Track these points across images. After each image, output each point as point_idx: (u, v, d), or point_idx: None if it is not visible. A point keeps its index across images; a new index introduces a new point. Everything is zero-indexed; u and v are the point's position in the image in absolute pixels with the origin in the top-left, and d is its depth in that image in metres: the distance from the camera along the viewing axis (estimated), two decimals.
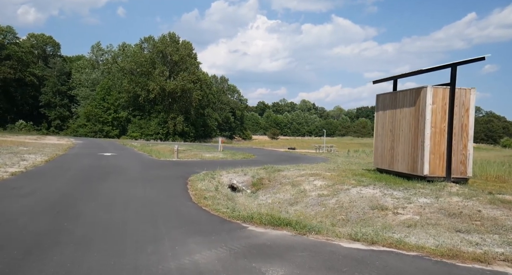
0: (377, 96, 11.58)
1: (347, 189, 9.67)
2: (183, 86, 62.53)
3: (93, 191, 8.61)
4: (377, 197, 8.34)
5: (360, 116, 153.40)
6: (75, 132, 62.75)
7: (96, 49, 78.40)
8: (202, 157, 22.84)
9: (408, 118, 9.87)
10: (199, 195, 8.62)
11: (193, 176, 12.08)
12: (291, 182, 12.06)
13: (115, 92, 64.76)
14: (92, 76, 70.78)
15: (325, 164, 17.75)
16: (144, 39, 71.17)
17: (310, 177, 12.33)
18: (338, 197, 9.10)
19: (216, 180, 12.54)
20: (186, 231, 5.43)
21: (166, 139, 61.02)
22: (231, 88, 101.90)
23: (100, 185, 9.54)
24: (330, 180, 11.44)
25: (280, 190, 11.54)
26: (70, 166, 13.90)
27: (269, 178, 13.09)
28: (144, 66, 64.18)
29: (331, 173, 12.91)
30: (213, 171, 13.72)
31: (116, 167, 14.20)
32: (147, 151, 26.07)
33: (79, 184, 9.60)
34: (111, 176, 11.30)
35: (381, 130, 11.33)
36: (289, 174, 13.31)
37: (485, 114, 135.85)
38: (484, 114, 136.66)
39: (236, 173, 13.79)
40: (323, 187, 10.50)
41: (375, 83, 11.80)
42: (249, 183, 13.09)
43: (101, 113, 62.44)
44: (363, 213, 7.60)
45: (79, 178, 10.80)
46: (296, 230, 5.56)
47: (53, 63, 71.49)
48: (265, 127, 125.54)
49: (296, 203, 9.69)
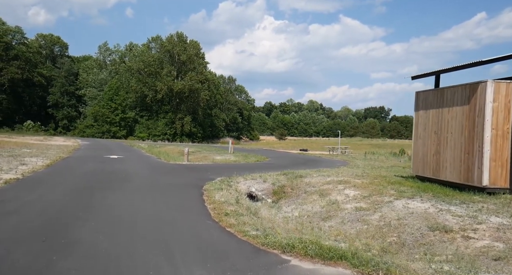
0: (417, 94, 10.18)
1: (389, 201, 8.29)
2: (190, 86, 61.37)
3: (94, 206, 7.33)
4: (432, 214, 6.96)
5: (368, 117, 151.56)
6: (83, 133, 61.90)
7: (104, 49, 77.62)
8: (213, 160, 21.57)
9: (460, 118, 8.47)
10: (218, 210, 7.31)
11: (208, 184, 10.78)
12: (318, 190, 10.71)
13: (123, 93, 63.83)
14: (99, 76, 69.98)
15: (348, 169, 16.35)
16: (152, 39, 70.25)
17: (339, 185, 10.97)
18: (381, 211, 7.73)
19: (233, 188, 11.24)
20: (212, 268, 4.12)
21: (173, 140, 59.92)
22: (238, 89, 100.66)
23: (102, 196, 8.27)
24: (364, 189, 10.08)
25: (306, 200, 10.20)
26: (72, 172, 12.68)
27: (291, 186, 11.75)
28: (151, 66, 63.15)
29: (362, 180, 11.54)
30: (228, 177, 12.42)
31: (122, 172, 12.95)
32: (155, 153, 24.87)
33: (78, 196, 8.34)
34: (116, 185, 10.04)
35: (422, 132, 9.93)
36: (313, 181, 11.96)
37: None
38: None
39: (254, 179, 12.48)
40: (358, 198, 9.13)
41: (414, 78, 10.41)
42: (270, 191, 11.77)
43: (108, 114, 61.51)
44: (421, 234, 6.22)
45: (79, 187, 9.54)
46: (355, 267, 4.22)
47: (61, 63, 70.86)
48: (272, 128, 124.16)
49: (330, 218, 8.34)
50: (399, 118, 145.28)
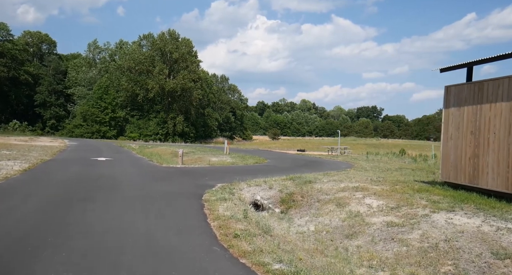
0: (448, 89, 8.91)
1: (425, 215, 7.00)
2: (183, 85, 59.69)
3: (70, 225, 5.92)
4: (489, 234, 5.68)
5: (361, 116, 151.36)
6: (71, 133, 59.85)
7: (93, 47, 75.44)
8: (209, 162, 20.17)
9: (507, 116, 7.20)
10: (225, 229, 5.95)
11: (208, 192, 9.40)
12: (333, 199, 9.40)
13: (113, 91, 61.91)
14: (89, 75, 67.90)
15: (357, 172, 15.09)
16: (143, 37, 68.36)
17: (356, 193, 9.68)
18: (419, 228, 6.43)
19: (236, 196, 9.88)
20: None
21: (165, 140, 58.25)
22: (231, 88, 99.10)
23: (83, 211, 6.85)
24: (387, 198, 8.79)
25: (321, 211, 8.87)
26: (52, 178, 11.19)
27: (301, 193, 10.42)
28: (143, 64, 61.32)
29: (381, 187, 10.26)
30: (230, 184, 11.05)
31: (110, 178, 11.49)
32: (147, 155, 23.38)
33: (53, 211, 6.91)
34: (101, 194, 8.61)
35: (455, 132, 8.66)
36: (325, 188, 10.66)
37: None
38: None
39: (259, 186, 11.13)
40: (385, 210, 7.83)
41: (444, 71, 9.13)
42: (277, 199, 10.43)
43: (98, 113, 59.54)
44: (486, 264, 4.93)
45: (57, 198, 8.09)
46: None
47: (49, 61, 68.57)
48: (265, 127, 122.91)
49: (355, 235, 7.02)
50: (391, 117, 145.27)
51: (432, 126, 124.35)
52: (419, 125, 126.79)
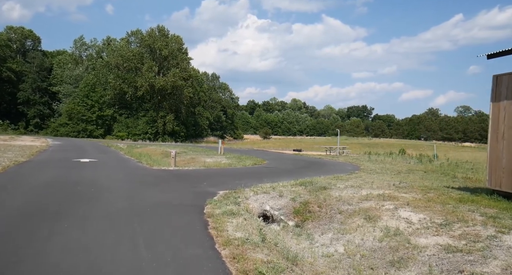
0: (498, 78, 7.46)
1: (492, 236, 5.52)
2: (173, 83, 57.73)
3: (23, 262, 4.26)
4: None
5: (351, 116, 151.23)
6: (56, 132, 57.47)
7: (80, 44, 72.86)
8: (204, 163, 18.52)
9: None
10: (242, 261, 4.37)
11: (210, 203, 7.80)
12: (358, 210, 7.88)
13: (100, 89, 59.66)
14: (75, 72, 65.43)
15: (370, 175, 13.60)
16: (131, 33, 66.12)
17: (385, 202, 8.17)
18: (495, 257, 4.92)
19: (242, 207, 8.32)
20: None
21: (155, 139, 56.30)
22: (222, 86, 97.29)
23: (48, 235, 5.20)
24: (426, 209, 7.30)
25: (347, 226, 7.34)
26: (21, 184, 9.45)
27: (317, 202, 8.88)
28: (131, 62, 59.16)
29: (410, 195, 8.79)
30: (233, 191, 9.46)
31: (91, 184, 9.79)
32: (136, 155, 21.62)
33: (10, 235, 5.24)
34: (77, 208, 6.94)
35: (508, 130, 7.22)
36: (344, 195, 9.14)
37: (474, 113, 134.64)
38: (473, 113, 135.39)
39: (267, 193, 9.56)
40: (430, 227, 6.33)
41: (491, 57, 7.68)
42: (290, 209, 8.87)
43: (84, 111, 57.25)
44: None
45: (20, 213, 6.41)
46: None
47: (32, 58, 65.86)
48: (256, 126, 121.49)
49: (403, 263, 5.48)
50: (382, 117, 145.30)
51: (423, 126, 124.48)
52: (410, 125, 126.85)
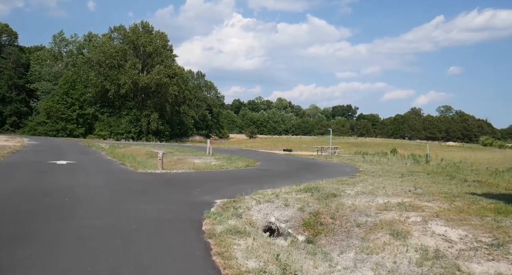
0: None
1: None
2: (158, 81, 55.92)
3: None
4: None
5: (336, 115, 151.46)
6: (34, 131, 54.96)
7: (59, 40, 70.05)
8: (193, 165, 17.21)
9: None
10: None
11: (209, 216, 6.60)
12: (380, 224, 6.80)
13: (81, 87, 57.37)
14: (54, 68, 62.76)
15: (376, 179, 12.58)
16: (114, 29, 63.90)
17: (409, 214, 7.13)
18: None
19: (244, 219, 7.15)
20: None
21: (139, 139, 54.43)
22: (208, 85, 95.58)
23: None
24: (463, 223, 6.28)
25: (370, 243, 6.23)
26: None
27: (329, 213, 7.76)
28: (113, 58, 56.98)
29: (435, 204, 7.78)
30: (233, 200, 8.27)
31: (65, 193, 8.44)
32: (119, 156, 20.14)
33: None
34: (44, 227, 5.62)
35: None
36: (359, 204, 8.06)
37: (455, 113, 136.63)
38: (454, 113, 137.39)
39: (270, 202, 8.40)
40: (479, 249, 5.31)
41: None
42: (298, 221, 7.73)
43: (64, 110, 54.87)
44: None
45: None
46: None
47: (8, 53, 62.93)
48: (241, 125, 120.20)
49: None
50: (366, 116, 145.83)
51: (407, 125, 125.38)
52: (395, 124, 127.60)
